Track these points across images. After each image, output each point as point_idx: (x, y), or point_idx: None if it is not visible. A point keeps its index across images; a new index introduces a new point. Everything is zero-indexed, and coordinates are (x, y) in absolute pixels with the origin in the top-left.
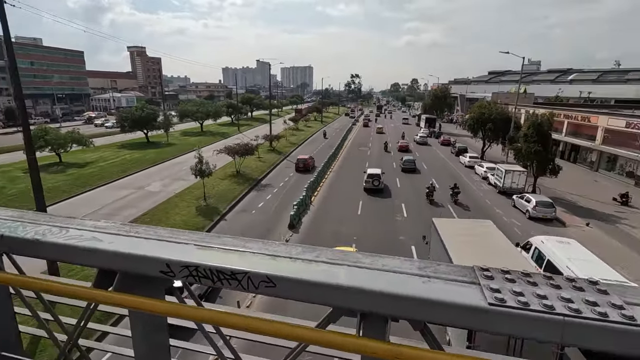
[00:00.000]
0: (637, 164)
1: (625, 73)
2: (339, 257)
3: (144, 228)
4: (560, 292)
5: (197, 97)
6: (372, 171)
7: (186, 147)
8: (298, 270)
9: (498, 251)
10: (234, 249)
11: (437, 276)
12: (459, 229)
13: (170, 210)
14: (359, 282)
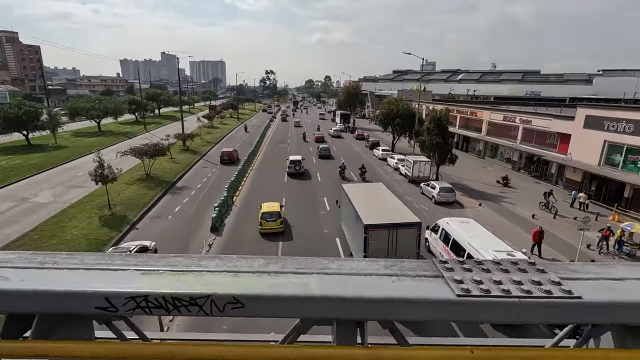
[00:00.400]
0: (512, 151)
1: (500, 74)
2: (305, 266)
3: (64, 256)
4: (510, 275)
5: (91, 93)
6: (294, 157)
7: (81, 149)
8: (266, 285)
9: (387, 203)
10: (187, 269)
11: (403, 274)
12: (359, 190)
13: (66, 223)
14: (332, 290)
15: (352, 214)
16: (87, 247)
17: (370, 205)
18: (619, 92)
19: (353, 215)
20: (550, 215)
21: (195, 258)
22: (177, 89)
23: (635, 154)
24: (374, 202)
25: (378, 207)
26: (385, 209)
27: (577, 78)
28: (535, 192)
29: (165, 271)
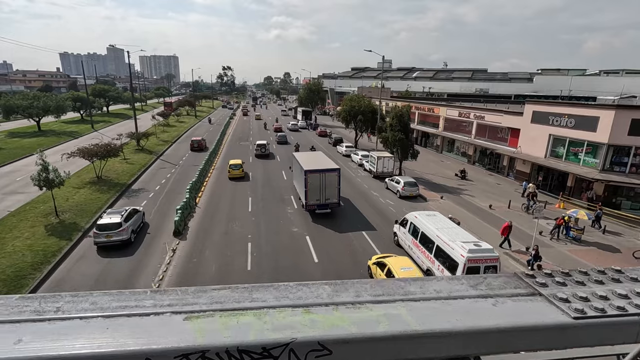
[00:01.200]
0: (468, 146)
1: (451, 72)
2: (383, 291)
3: (68, 299)
4: (610, 288)
5: (27, 89)
6: (260, 142)
7: (18, 151)
8: (353, 322)
9: (321, 161)
10: (242, 306)
11: (497, 293)
12: (304, 155)
13: (6, 233)
14: (432, 322)
15: (298, 168)
16: (32, 259)
17: (310, 162)
18: (556, 89)
19: (298, 168)
20: (505, 206)
21: (245, 289)
22: (126, 84)
23: (576, 146)
24: (313, 160)
25: (315, 162)
26: (319, 163)
27: (520, 76)
28: (490, 184)
29: (216, 311)
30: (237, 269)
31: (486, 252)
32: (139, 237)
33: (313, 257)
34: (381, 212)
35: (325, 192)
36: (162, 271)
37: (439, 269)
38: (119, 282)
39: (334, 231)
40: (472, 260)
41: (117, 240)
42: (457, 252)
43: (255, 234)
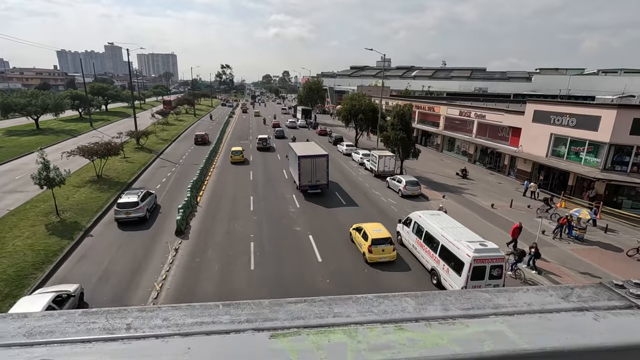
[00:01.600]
0: (468, 145)
1: (450, 71)
2: (471, 304)
3: (136, 314)
4: None
5: (23, 86)
6: (261, 136)
7: (17, 150)
8: (455, 340)
9: (313, 148)
10: (325, 322)
11: (592, 306)
12: (298, 144)
13: (6, 233)
14: (540, 339)
15: (293, 155)
16: (33, 258)
17: (303, 150)
18: (554, 88)
19: (293, 155)
20: (507, 204)
21: (323, 302)
22: (124, 83)
23: (577, 146)
24: (305, 148)
25: (307, 150)
26: (311, 150)
27: (519, 76)
28: (492, 183)
29: (300, 328)
30: (241, 265)
31: (492, 252)
32: (152, 216)
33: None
34: (383, 211)
35: (316, 175)
36: (165, 271)
37: (443, 269)
38: (124, 277)
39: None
40: (478, 260)
41: (135, 217)
42: (463, 252)
43: (257, 231)
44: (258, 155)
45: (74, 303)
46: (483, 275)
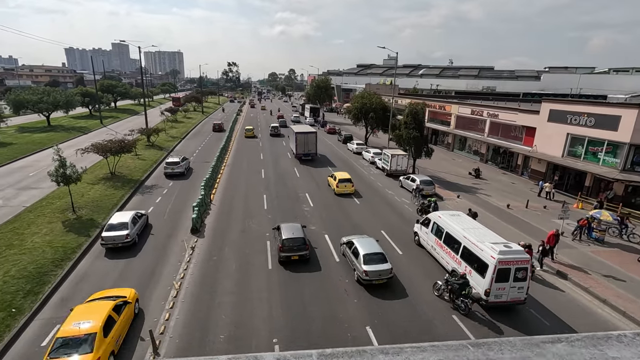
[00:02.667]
0: (480, 144)
1: (458, 70)
2: None
3: None
4: None
5: (33, 84)
6: (274, 124)
7: (30, 146)
8: None
9: (306, 127)
10: None
11: None
12: (296, 126)
13: (24, 229)
14: None
15: (292, 133)
16: (52, 255)
17: (299, 129)
18: (564, 87)
19: (292, 132)
20: (523, 205)
21: None
22: (131, 80)
23: (595, 146)
24: (301, 128)
25: (302, 129)
26: (304, 129)
27: (527, 74)
28: (505, 183)
29: None
30: (259, 262)
31: (517, 254)
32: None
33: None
34: (397, 211)
35: (308, 146)
36: (182, 269)
37: (465, 270)
38: (143, 275)
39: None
40: (503, 262)
41: (178, 172)
42: (487, 254)
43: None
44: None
45: (144, 221)
46: (508, 278)
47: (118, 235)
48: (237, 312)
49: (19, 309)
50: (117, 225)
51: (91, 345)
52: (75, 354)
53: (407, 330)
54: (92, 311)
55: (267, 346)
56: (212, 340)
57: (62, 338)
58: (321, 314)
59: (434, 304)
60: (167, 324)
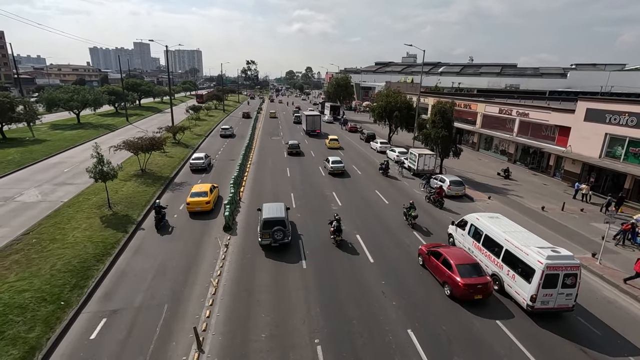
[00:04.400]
0: (508, 143)
1: (479, 67)
2: None
3: None
4: None
5: (61, 82)
6: (297, 114)
7: (62, 143)
8: None
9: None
10: None
11: None
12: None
13: (65, 224)
14: None
15: (303, 116)
16: (94, 250)
17: (309, 112)
18: (592, 85)
19: (304, 116)
20: (559, 208)
21: None
22: (152, 78)
23: (637, 146)
24: (310, 112)
25: (311, 113)
26: (312, 113)
27: (552, 72)
28: (536, 185)
29: None
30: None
31: (566, 259)
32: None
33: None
34: (428, 212)
35: (314, 125)
36: (219, 267)
37: (508, 275)
38: (180, 272)
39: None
40: (551, 267)
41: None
42: (534, 258)
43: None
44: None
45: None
46: (555, 284)
47: (199, 156)
48: (276, 311)
49: (67, 302)
50: (198, 157)
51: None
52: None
53: (451, 338)
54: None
55: (309, 346)
56: (254, 339)
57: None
58: (360, 315)
59: (480, 307)
60: (208, 321)
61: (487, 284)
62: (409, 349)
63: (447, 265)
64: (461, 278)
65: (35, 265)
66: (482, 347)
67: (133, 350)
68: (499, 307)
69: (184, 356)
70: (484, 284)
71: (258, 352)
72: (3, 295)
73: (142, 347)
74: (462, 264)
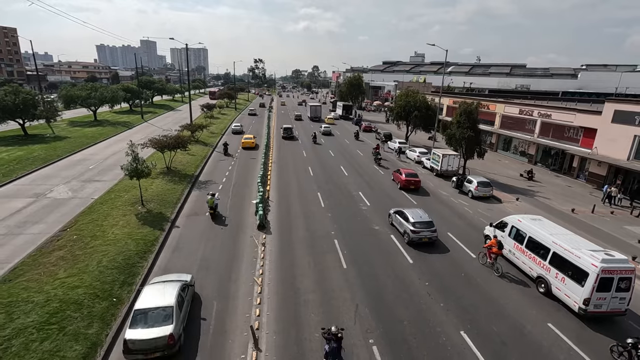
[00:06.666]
0: (528, 145)
1: (488, 67)
2: None
3: None
4: None
5: (72, 79)
6: (297, 113)
7: (84, 140)
8: None
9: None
10: None
11: None
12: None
13: (102, 221)
14: None
15: (309, 106)
16: (135, 248)
17: (312, 103)
18: (604, 86)
19: (309, 106)
20: (588, 210)
21: None
22: (160, 76)
23: None
24: (313, 103)
25: (313, 103)
26: (315, 103)
27: (563, 72)
28: (561, 187)
29: None
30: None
31: (621, 263)
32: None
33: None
34: (459, 215)
35: (316, 112)
36: (259, 265)
37: (556, 278)
38: (222, 270)
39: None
40: (606, 270)
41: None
42: (586, 261)
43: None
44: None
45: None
46: (609, 287)
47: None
48: (325, 311)
49: (118, 299)
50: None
51: None
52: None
53: (504, 342)
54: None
55: (364, 345)
56: (308, 338)
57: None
58: (409, 316)
59: (528, 308)
60: (259, 320)
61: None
62: (465, 350)
63: (400, 173)
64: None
65: (81, 261)
66: (539, 350)
67: (191, 347)
68: (546, 308)
69: (242, 354)
70: (415, 181)
71: (315, 352)
72: (57, 291)
73: (201, 345)
74: (408, 172)
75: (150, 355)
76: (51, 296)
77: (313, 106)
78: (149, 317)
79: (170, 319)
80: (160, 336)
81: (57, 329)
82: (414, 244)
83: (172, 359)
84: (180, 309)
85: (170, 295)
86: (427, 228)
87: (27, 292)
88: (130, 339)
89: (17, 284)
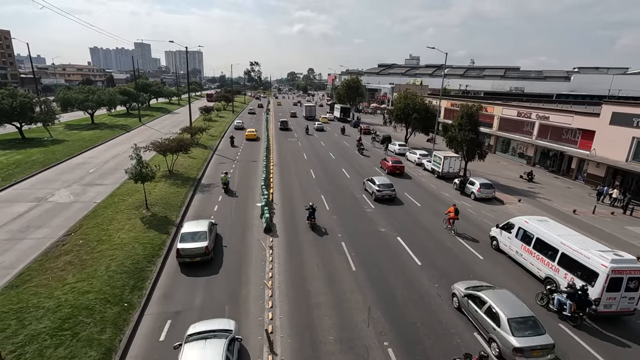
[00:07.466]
0: (526, 146)
1: (482, 70)
2: None
3: None
4: None
5: (66, 82)
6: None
7: (82, 143)
8: None
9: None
10: None
11: None
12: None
13: (107, 225)
14: None
15: (303, 106)
16: (143, 252)
17: (307, 104)
18: (596, 88)
19: (303, 106)
20: (589, 211)
21: None
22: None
23: None
24: (308, 104)
25: (308, 104)
26: (309, 104)
27: (556, 75)
28: (560, 188)
29: None
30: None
31: (630, 263)
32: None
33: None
34: (464, 216)
35: (312, 112)
36: (268, 268)
37: (565, 278)
38: (231, 272)
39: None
40: (616, 271)
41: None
42: (596, 262)
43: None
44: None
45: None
46: (619, 287)
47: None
48: (337, 313)
49: (129, 304)
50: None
51: None
52: None
53: None
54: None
55: (379, 347)
56: (323, 341)
57: None
58: (421, 317)
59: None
60: (273, 324)
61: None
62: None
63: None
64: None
65: (89, 266)
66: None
67: None
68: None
69: (257, 358)
70: (400, 166)
71: (330, 355)
72: (67, 296)
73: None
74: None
75: (193, 260)
76: (62, 302)
77: (308, 106)
78: (191, 236)
79: (205, 238)
80: (199, 246)
81: (70, 334)
82: (379, 200)
83: None
84: (210, 233)
85: (204, 225)
86: (388, 188)
87: (37, 297)
88: (181, 247)
89: (25, 290)
